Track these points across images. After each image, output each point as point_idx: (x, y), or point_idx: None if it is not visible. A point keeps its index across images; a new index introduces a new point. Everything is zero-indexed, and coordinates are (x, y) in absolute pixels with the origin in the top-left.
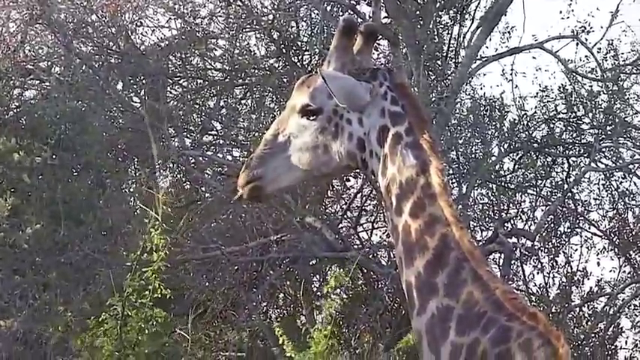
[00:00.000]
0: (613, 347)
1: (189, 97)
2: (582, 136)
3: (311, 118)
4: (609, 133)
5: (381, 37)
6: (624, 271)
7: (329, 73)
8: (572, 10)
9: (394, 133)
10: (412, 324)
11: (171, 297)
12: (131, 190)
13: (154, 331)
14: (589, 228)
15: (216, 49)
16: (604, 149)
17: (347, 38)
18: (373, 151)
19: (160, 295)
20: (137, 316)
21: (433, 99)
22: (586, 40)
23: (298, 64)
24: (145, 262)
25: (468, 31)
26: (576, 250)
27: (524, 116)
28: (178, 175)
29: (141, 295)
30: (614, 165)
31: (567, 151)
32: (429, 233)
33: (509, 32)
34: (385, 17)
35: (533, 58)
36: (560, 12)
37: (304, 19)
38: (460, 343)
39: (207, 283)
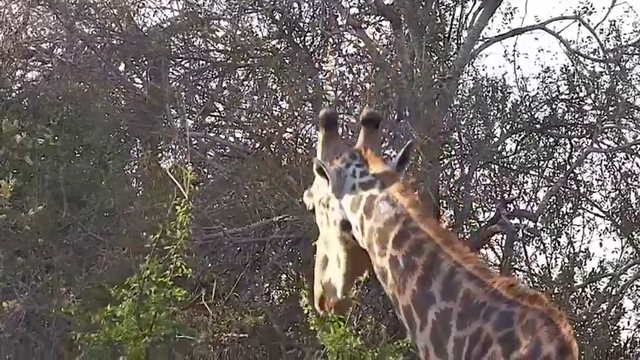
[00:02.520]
0: (615, 328)
1: (191, 78)
2: (584, 117)
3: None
4: (611, 113)
5: (383, 18)
6: (627, 252)
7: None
8: None
9: (367, 196)
10: (417, 344)
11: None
12: (133, 171)
13: (172, 311)
14: (591, 209)
15: (218, 31)
16: (606, 130)
17: (328, 130)
18: (352, 222)
19: (180, 275)
20: (156, 296)
21: (435, 80)
22: (588, 20)
23: (300, 45)
24: (166, 240)
25: (470, 12)
26: (578, 230)
27: (527, 97)
28: (181, 157)
29: (161, 275)
30: (616, 146)
31: (569, 132)
32: (417, 254)
33: (511, 13)
34: None
35: (536, 39)
36: None
37: (306, 0)
38: (462, 335)
39: (209, 265)
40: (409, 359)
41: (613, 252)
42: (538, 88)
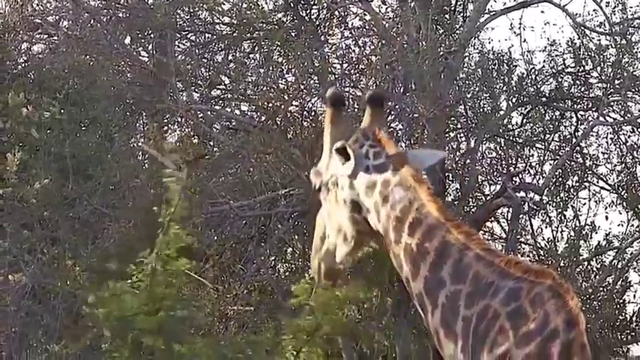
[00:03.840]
0: (621, 301)
1: (197, 51)
2: (590, 90)
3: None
4: (617, 86)
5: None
6: (632, 225)
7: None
8: None
9: (382, 180)
10: (430, 329)
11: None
12: (139, 144)
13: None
14: (597, 182)
15: (224, 3)
16: (612, 103)
17: (335, 109)
18: (366, 206)
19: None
20: (165, 270)
21: (441, 53)
22: None
23: (306, 18)
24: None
25: None
26: (584, 204)
27: (533, 70)
28: (186, 130)
29: (167, 247)
30: (622, 119)
31: (575, 105)
32: (429, 239)
33: None
34: None
35: (542, 12)
36: None
37: None
38: (470, 314)
39: (215, 238)
40: None
41: (619, 225)
42: (544, 61)
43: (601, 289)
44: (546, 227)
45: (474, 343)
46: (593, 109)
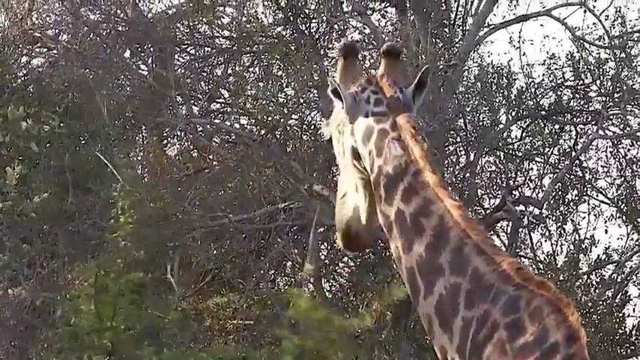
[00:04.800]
0: (621, 315)
1: (196, 64)
2: (590, 104)
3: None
4: (617, 100)
5: (388, 4)
6: (632, 239)
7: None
8: None
9: (379, 129)
10: (419, 310)
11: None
12: (139, 158)
13: (131, 299)
14: (597, 195)
15: (223, 17)
16: (612, 116)
17: (347, 59)
18: (362, 153)
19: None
20: (112, 285)
21: (440, 67)
22: (593, 7)
23: (306, 32)
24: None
25: None
26: (584, 217)
27: (532, 84)
28: (186, 143)
29: (114, 263)
30: (621, 132)
31: (575, 119)
32: (425, 215)
33: (516, 0)
34: None
35: (541, 25)
36: None
37: None
38: (470, 316)
39: (215, 252)
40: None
41: (618, 239)
42: (543, 74)
43: (600, 302)
44: (546, 241)
45: (472, 350)
46: (593, 123)
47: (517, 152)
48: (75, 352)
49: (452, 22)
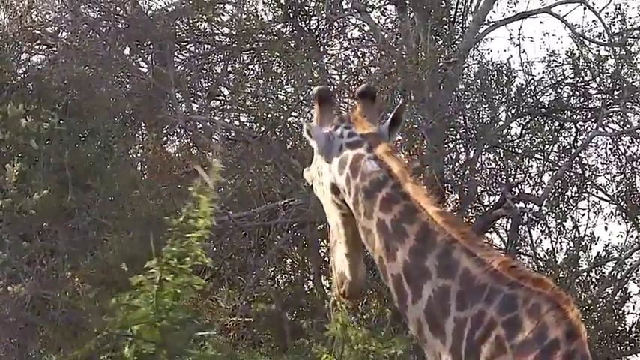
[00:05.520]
0: (620, 312)
1: (196, 62)
2: (589, 101)
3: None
4: (616, 97)
5: (388, 2)
6: (632, 236)
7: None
8: None
9: (354, 154)
10: (407, 316)
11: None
12: (138, 155)
13: (190, 297)
14: (596, 193)
15: (223, 14)
16: (611, 114)
17: (322, 105)
18: (340, 184)
19: (200, 263)
20: (174, 282)
21: (440, 64)
22: (593, 4)
23: (305, 29)
24: (188, 227)
25: None
26: (584, 214)
27: (532, 81)
28: (185, 141)
29: (181, 262)
30: (621, 129)
31: (575, 116)
32: (407, 221)
33: None
34: None
35: (541, 22)
36: None
37: None
38: (463, 316)
39: (214, 249)
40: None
41: (618, 236)
42: (543, 72)
43: (600, 299)
44: (545, 238)
45: (468, 349)
46: (592, 120)
47: (517, 149)
48: (125, 340)
49: (452, 19)
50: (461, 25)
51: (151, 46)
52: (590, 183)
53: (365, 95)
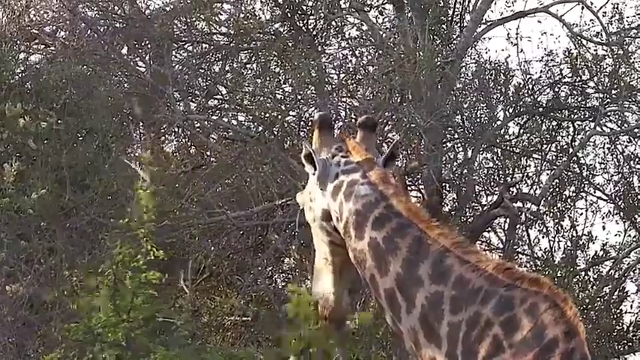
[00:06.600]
0: (618, 311)
1: (194, 61)
2: (587, 100)
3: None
4: (614, 96)
5: (386, 1)
6: (629, 235)
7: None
8: None
9: (349, 180)
10: (402, 328)
11: (171, 260)
12: (136, 154)
13: (148, 294)
14: (594, 192)
15: (221, 14)
16: (609, 113)
17: (322, 131)
18: (333, 209)
19: (153, 257)
20: (130, 281)
21: (438, 63)
22: (591, 3)
23: (303, 28)
24: (134, 225)
25: None
26: (581, 214)
27: (530, 80)
28: (183, 140)
29: (133, 260)
30: (619, 129)
31: (572, 115)
32: (399, 235)
33: None
34: None
35: (539, 22)
36: None
37: None
38: (457, 320)
39: (212, 248)
40: None
41: (616, 235)
42: (541, 71)
43: (598, 299)
44: (543, 237)
45: (465, 351)
46: (590, 119)
47: (514, 149)
48: (89, 345)
49: (449, 18)
50: (459, 24)
51: (149, 46)
52: (587, 182)
53: (365, 126)
